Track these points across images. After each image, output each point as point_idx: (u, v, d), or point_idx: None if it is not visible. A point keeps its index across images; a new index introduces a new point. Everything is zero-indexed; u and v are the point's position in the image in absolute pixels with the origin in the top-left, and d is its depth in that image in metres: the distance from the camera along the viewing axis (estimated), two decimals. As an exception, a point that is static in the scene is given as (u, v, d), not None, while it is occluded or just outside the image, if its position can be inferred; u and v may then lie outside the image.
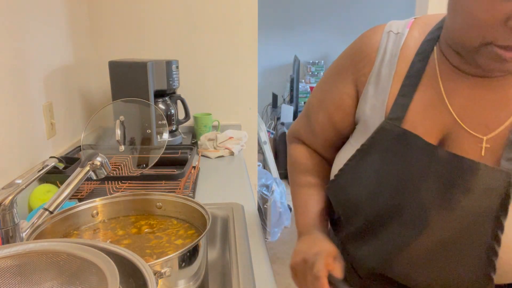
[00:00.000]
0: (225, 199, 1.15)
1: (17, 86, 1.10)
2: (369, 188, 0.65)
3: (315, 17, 4.47)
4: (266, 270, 0.82)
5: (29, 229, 0.65)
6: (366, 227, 0.68)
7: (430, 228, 0.59)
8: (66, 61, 1.47)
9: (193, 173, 1.31)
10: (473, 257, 0.56)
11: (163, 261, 0.60)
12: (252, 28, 1.82)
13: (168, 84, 1.59)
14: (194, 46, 1.81)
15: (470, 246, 0.56)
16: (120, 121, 1.33)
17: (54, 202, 0.68)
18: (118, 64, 1.48)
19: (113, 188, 1.16)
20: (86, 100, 1.68)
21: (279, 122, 3.96)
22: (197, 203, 0.78)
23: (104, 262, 0.45)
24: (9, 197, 0.59)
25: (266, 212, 2.79)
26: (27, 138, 1.14)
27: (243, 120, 1.93)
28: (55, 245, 0.49)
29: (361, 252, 0.71)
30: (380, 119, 0.66)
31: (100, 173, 0.73)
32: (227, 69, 1.86)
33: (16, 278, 0.47)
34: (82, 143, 1.34)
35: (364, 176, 0.66)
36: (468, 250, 0.56)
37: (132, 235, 0.76)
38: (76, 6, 1.57)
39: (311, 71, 4.54)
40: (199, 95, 1.87)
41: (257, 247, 0.91)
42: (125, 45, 1.78)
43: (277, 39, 4.46)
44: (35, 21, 1.23)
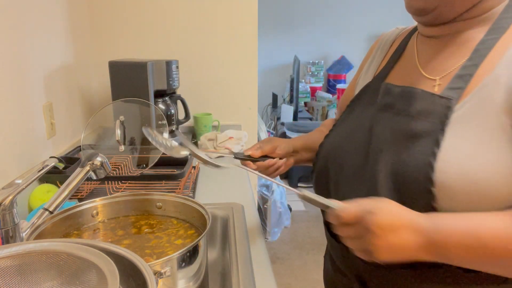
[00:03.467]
0: (225, 199, 1.15)
1: (17, 86, 1.10)
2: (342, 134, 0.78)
3: (315, 17, 4.47)
4: (266, 270, 0.82)
5: (29, 229, 0.65)
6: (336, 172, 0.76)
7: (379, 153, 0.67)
8: (66, 61, 1.47)
9: (193, 173, 1.31)
10: (415, 173, 0.61)
11: (163, 261, 0.61)
12: (252, 28, 1.82)
13: (168, 84, 1.59)
14: (194, 46, 1.81)
15: (413, 162, 0.62)
16: (120, 121, 1.33)
17: (54, 202, 0.68)
18: (118, 64, 1.48)
19: (113, 188, 1.16)
20: (86, 100, 1.68)
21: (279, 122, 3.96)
22: (197, 203, 0.78)
23: (104, 262, 0.45)
24: (9, 197, 0.58)
25: (266, 212, 2.79)
26: (27, 138, 1.14)
27: (243, 120, 1.93)
28: (55, 245, 0.49)
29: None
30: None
31: (100, 173, 0.73)
32: (227, 69, 1.86)
33: (16, 278, 0.47)
34: (82, 143, 1.34)
35: (344, 127, 0.79)
36: (411, 166, 0.62)
37: (132, 235, 0.76)
38: (76, 6, 1.57)
39: (311, 71, 4.54)
40: (199, 95, 1.87)
41: (257, 247, 0.91)
42: (125, 45, 1.78)
43: (277, 39, 4.45)
44: (35, 21, 1.23)
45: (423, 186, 0.59)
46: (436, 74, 0.69)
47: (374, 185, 0.65)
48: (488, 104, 0.60)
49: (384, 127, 0.69)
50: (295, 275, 2.48)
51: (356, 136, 0.73)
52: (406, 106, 0.67)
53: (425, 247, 0.56)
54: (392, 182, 0.64)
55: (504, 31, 0.63)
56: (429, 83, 0.69)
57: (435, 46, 0.72)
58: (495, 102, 0.59)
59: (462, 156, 0.58)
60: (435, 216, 0.58)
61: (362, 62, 0.90)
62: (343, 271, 0.79)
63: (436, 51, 0.71)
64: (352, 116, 0.79)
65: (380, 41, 0.88)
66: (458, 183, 0.58)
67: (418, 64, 0.73)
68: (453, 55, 0.68)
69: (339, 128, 0.81)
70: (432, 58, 0.72)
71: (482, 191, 0.57)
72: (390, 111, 0.70)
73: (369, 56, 0.89)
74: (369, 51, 0.90)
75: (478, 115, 0.60)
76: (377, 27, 4.44)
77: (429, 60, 0.72)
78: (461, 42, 0.68)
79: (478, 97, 0.61)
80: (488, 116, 0.59)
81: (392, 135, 0.67)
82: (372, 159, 0.68)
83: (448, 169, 0.58)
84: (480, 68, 0.62)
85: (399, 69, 0.77)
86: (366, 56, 0.90)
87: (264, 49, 4.24)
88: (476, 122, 0.60)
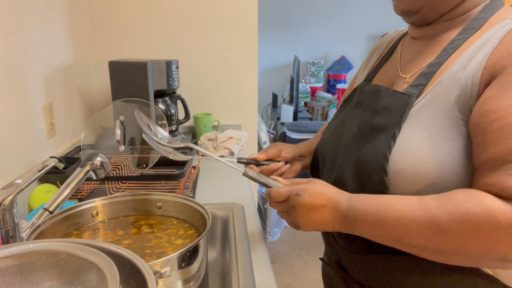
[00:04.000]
0: (225, 199, 1.15)
1: (17, 86, 1.10)
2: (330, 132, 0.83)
3: (315, 17, 4.46)
4: (266, 270, 0.82)
5: (29, 229, 0.65)
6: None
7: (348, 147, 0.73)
8: (66, 61, 1.47)
9: (193, 173, 1.31)
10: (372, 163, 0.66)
11: (163, 261, 0.61)
12: (252, 28, 1.82)
13: (168, 84, 1.59)
14: (194, 46, 1.81)
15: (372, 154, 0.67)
16: (120, 121, 1.33)
17: (54, 202, 0.68)
18: (118, 64, 1.48)
19: (113, 188, 1.16)
20: (86, 100, 1.68)
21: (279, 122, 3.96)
22: (197, 203, 0.78)
23: (104, 262, 0.45)
24: (9, 197, 0.59)
25: (266, 212, 2.79)
26: (27, 138, 1.14)
27: (243, 120, 1.93)
28: (55, 245, 0.49)
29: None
30: None
31: (100, 173, 0.74)
32: (227, 69, 1.86)
33: (16, 278, 0.47)
34: (82, 143, 1.34)
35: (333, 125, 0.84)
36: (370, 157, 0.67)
37: (132, 235, 0.76)
38: (76, 6, 1.57)
39: (311, 71, 4.54)
40: (199, 95, 1.87)
41: (257, 247, 0.91)
42: (125, 45, 1.78)
43: (277, 39, 4.45)
44: (35, 21, 1.23)
45: (378, 176, 0.64)
46: (408, 72, 0.73)
47: (341, 175, 0.72)
48: (442, 98, 0.63)
49: (353, 122, 0.75)
50: (295, 275, 2.48)
51: (337, 133, 0.80)
52: (372, 103, 0.72)
53: (339, 221, 0.65)
54: (355, 171, 0.70)
55: (474, 31, 0.65)
56: (401, 81, 0.73)
57: (417, 47, 0.75)
58: (449, 96, 0.62)
59: (412, 147, 0.62)
60: (354, 196, 0.65)
61: (363, 63, 0.93)
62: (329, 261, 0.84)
63: (416, 52, 0.75)
64: (340, 115, 0.83)
65: (380, 42, 0.90)
66: (407, 172, 0.62)
67: (399, 65, 0.77)
68: (426, 55, 0.71)
69: (328, 127, 0.87)
70: (411, 58, 0.75)
71: (430, 180, 0.60)
72: (360, 107, 0.75)
73: (369, 56, 0.91)
74: (370, 53, 0.92)
75: (432, 108, 0.63)
76: (377, 27, 4.44)
77: (409, 60, 0.75)
78: (436, 42, 0.71)
79: (433, 92, 0.64)
80: (441, 109, 0.62)
81: (358, 129, 0.72)
82: (342, 152, 0.74)
83: (399, 159, 0.63)
84: (442, 66, 0.65)
85: (384, 71, 0.81)
86: (367, 57, 0.93)
87: (264, 49, 4.24)
88: (429, 115, 0.63)
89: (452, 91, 0.62)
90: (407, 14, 0.71)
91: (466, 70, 0.61)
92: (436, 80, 0.64)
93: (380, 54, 0.87)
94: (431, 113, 0.63)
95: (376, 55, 0.88)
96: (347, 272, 0.77)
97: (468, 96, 0.60)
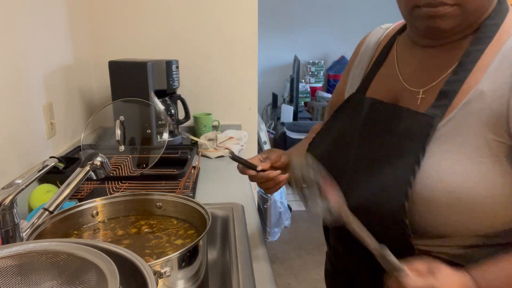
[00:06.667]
0: (225, 199, 1.15)
1: (17, 86, 1.09)
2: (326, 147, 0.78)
3: (315, 17, 4.46)
4: (266, 270, 0.82)
5: (29, 229, 0.65)
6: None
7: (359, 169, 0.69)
8: (66, 61, 1.47)
9: (193, 173, 1.31)
10: (394, 188, 0.62)
11: (163, 261, 0.60)
12: (252, 28, 1.82)
13: (168, 84, 1.59)
14: (194, 46, 1.81)
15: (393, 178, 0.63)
16: (120, 121, 1.33)
17: (54, 202, 0.68)
18: (118, 64, 1.48)
19: (113, 188, 1.16)
20: (86, 100, 1.68)
21: (279, 122, 3.96)
22: (197, 203, 0.78)
23: (104, 262, 0.45)
24: (9, 197, 0.58)
25: (266, 212, 2.79)
26: (27, 138, 1.14)
27: (243, 120, 1.92)
28: (55, 245, 0.49)
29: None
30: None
31: (100, 173, 0.74)
32: (227, 69, 1.86)
33: (16, 278, 0.47)
34: (82, 143, 1.34)
35: (327, 137, 0.80)
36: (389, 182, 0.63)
37: (132, 235, 0.76)
38: (76, 6, 1.57)
39: (311, 71, 4.54)
40: (199, 95, 1.87)
41: (257, 247, 0.91)
42: (125, 45, 1.78)
43: (277, 39, 4.45)
44: (35, 21, 1.23)
45: (398, 202, 0.61)
46: (420, 85, 0.68)
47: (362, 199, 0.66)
48: (472, 120, 0.60)
49: (370, 144, 0.69)
50: (295, 275, 2.48)
51: (341, 150, 0.74)
52: (388, 123, 0.68)
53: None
54: (373, 196, 0.65)
55: (490, 41, 0.63)
56: (412, 95, 0.68)
57: (423, 56, 0.70)
58: (479, 118, 0.59)
59: (443, 172, 0.59)
60: (477, 273, 0.59)
61: (349, 63, 0.89)
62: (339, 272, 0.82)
63: (423, 62, 0.70)
64: (336, 126, 0.79)
65: (365, 43, 0.85)
66: (438, 199, 0.59)
67: (399, 74, 0.72)
68: (437, 65, 0.67)
69: (324, 138, 0.81)
70: (415, 67, 0.70)
71: (463, 203, 0.58)
72: (376, 128, 0.70)
73: (355, 58, 0.87)
74: (355, 53, 0.88)
75: (462, 130, 0.60)
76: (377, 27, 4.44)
77: (412, 70, 0.71)
78: (446, 50, 0.67)
79: (461, 113, 0.61)
80: (472, 131, 0.59)
81: (372, 151, 0.68)
82: (353, 173, 0.70)
83: (427, 185, 0.60)
84: (465, 83, 0.62)
85: (380, 79, 0.76)
86: (352, 57, 0.88)
87: (264, 49, 4.23)
88: (460, 138, 0.60)
89: (482, 112, 0.59)
90: (443, 34, 0.65)
91: (495, 90, 0.59)
92: (462, 100, 0.61)
93: (370, 59, 0.82)
94: (461, 135, 0.60)
95: (365, 60, 0.83)
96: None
97: (504, 116, 0.58)
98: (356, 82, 0.81)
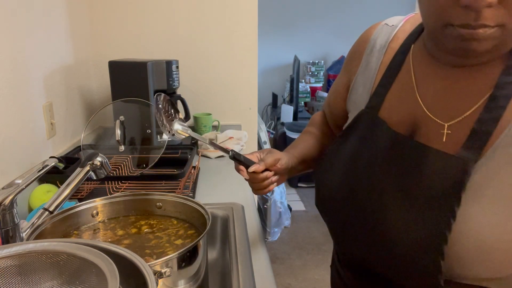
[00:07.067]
0: (225, 199, 1.15)
1: (17, 86, 1.09)
2: (340, 174, 0.69)
3: (315, 17, 4.47)
4: (266, 270, 0.82)
5: (29, 229, 0.65)
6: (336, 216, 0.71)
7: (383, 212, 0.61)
8: (66, 61, 1.47)
9: (193, 173, 1.31)
10: (425, 242, 0.56)
11: (163, 261, 0.60)
12: (252, 28, 1.82)
13: (168, 84, 1.59)
14: (194, 46, 1.81)
15: (422, 231, 0.57)
16: (120, 121, 1.33)
17: (54, 202, 0.68)
18: (118, 64, 1.48)
19: (113, 188, 1.15)
20: (86, 100, 1.68)
21: (279, 122, 3.96)
22: (197, 203, 0.78)
23: (104, 262, 0.45)
24: (9, 197, 0.58)
25: (266, 212, 2.79)
26: (27, 138, 1.14)
27: (243, 120, 1.92)
28: (55, 245, 0.49)
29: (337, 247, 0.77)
30: (363, 106, 0.71)
31: (100, 173, 0.73)
32: (227, 69, 1.86)
33: (16, 278, 0.47)
34: (82, 143, 1.34)
35: (338, 162, 0.71)
36: (420, 235, 0.57)
37: (132, 235, 0.76)
38: (76, 6, 1.57)
39: (311, 71, 4.54)
40: (199, 95, 1.87)
41: (257, 247, 0.91)
42: (125, 45, 1.78)
43: (277, 39, 4.45)
44: (36, 21, 1.23)
45: (431, 258, 0.56)
46: (445, 116, 0.60)
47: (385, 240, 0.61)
48: (508, 165, 0.54)
49: (396, 181, 0.61)
50: (295, 275, 2.48)
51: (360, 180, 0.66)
52: (419, 164, 0.59)
53: None
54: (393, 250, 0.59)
55: None
56: (436, 128, 0.60)
57: (442, 75, 0.62)
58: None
59: (479, 226, 0.54)
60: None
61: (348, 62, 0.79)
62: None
63: (442, 83, 0.61)
64: (347, 149, 0.71)
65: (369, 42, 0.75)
66: (473, 255, 0.54)
67: (419, 97, 0.63)
68: (465, 92, 0.59)
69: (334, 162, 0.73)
70: (437, 91, 0.62)
71: (499, 262, 0.54)
72: (401, 165, 0.61)
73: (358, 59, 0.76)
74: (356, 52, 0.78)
75: (501, 178, 0.54)
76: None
77: (434, 93, 0.62)
78: (474, 73, 0.59)
79: (500, 158, 0.54)
80: (509, 178, 0.54)
81: (406, 192, 0.59)
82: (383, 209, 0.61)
83: (463, 239, 0.54)
84: (500, 123, 0.55)
85: (395, 99, 0.67)
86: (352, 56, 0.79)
87: (264, 49, 4.24)
88: (499, 186, 0.54)
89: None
90: (476, 56, 0.57)
91: None
92: (496, 142, 0.55)
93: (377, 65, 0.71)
94: (501, 183, 0.54)
95: (372, 67, 0.72)
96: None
97: None
98: (364, 95, 0.72)
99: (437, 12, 0.55)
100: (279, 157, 0.79)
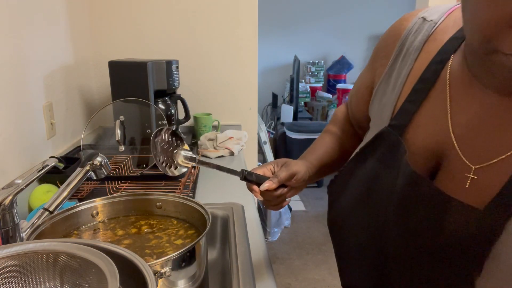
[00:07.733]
0: (225, 199, 1.15)
1: (17, 86, 1.09)
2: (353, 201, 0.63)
3: (315, 17, 4.47)
4: (266, 270, 0.82)
5: (29, 229, 0.65)
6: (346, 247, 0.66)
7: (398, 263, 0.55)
8: (66, 61, 1.47)
9: (193, 173, 1.31)
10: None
11: (163, 261, 0.60)
12: (252, 28, 1.82)
13: (168, 84, 1.59)
14: (194, 46, 1.81)
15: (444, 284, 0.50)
16: (120, 121, 1.33)
17: (54, 202, 0.68)
18: (118, 64, 1.48)
19: (113, 188, 1.16)
20: (86, 100, 1.68)
21: (279, 122, 3.96)
22: (197, 203, 0.78)
23: (104, 262, 0.45)
24: (9, 197, 0.58)
25: (266, 212, 2.79)
26: (27, 138, 1.14)
27: (243, 120, 1.93)
28: (55, 245, 0.49)
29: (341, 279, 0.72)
30: (386, 121, 0.60)
31: (100, 173, 0.73)
32: (227, 69, 1.86)
33: (16, 278, 0.47)
34: (82, 143, 1.34)
35: (353, 185, 0.64)
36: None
37: (132, 235, 0.76)
38: (76, 6, 1.57)
39: (311, 71, 4.54)
40: (199, 95, 1.87)
41: (257, 247, 0.91)
42: (125, 45, 1.78)
43: (277, 39, 4.45)
44: (35, 21, 1.23)
45: None
46: (474, 157, 0.49)
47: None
48: None
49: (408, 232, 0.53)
50: (295, 275, 2.48)
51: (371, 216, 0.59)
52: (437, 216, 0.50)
53: None
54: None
55: None
56: (461, 169, 0.50)
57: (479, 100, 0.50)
58: None
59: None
60: None
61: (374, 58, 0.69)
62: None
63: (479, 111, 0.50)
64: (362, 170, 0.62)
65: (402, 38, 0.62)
66: None
67: (450, 123, 0.52)
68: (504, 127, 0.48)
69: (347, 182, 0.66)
70: (471, 119, 0.51)
71: None
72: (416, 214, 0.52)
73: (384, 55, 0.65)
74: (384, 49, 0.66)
75: None
76: (377, 27, 4.44)
77: (468, 121, 0.51)
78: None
79: None
80: None
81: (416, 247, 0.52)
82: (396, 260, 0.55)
83: None
84: None
85: (423, 119, 0.56)
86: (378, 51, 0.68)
87: (264, 49, 4.24)
88: None
89: None
90: None
91: None
92: None
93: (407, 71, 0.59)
94: None
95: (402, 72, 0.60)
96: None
97: None
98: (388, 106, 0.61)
99: (485, 33, 0.43)
100: (295, 171, 0.71)
